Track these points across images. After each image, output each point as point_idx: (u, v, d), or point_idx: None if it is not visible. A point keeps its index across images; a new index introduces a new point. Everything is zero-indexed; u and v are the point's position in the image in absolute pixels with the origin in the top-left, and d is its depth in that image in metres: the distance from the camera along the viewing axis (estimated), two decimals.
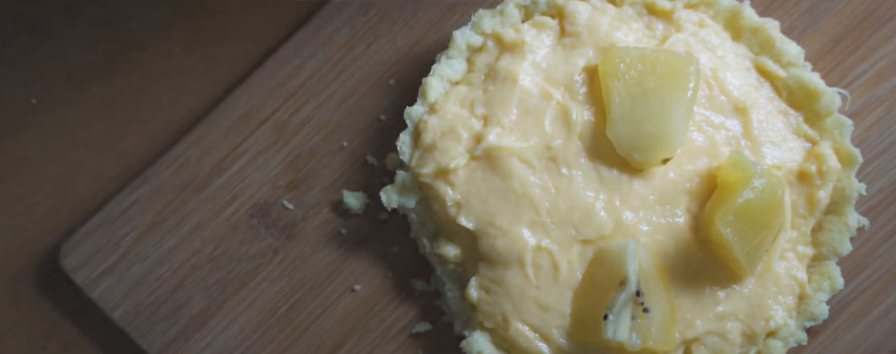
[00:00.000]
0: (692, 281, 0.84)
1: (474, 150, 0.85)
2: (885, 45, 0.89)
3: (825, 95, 0.86)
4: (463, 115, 0.85)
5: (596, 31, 0.85)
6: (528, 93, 0.85)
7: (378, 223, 0.90)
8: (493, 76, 0.86)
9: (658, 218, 0.84)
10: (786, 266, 0.85)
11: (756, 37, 0.87)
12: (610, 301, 0.81)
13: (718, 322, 0.84)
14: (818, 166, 0.85)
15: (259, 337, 0.89)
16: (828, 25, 0.89)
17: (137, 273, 0.89)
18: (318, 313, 0.89)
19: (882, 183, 0.88)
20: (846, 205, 0.86)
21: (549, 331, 0.84)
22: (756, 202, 0.81)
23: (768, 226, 0.82)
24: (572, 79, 0.85)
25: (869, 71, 0.89)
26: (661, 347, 0.81)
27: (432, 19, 0.90)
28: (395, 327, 0.89)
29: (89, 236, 0.89)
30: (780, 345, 0.85)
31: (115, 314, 0.89)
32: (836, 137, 0.86)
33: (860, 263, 0.88)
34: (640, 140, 0.82)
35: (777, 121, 0.86)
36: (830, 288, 0.85)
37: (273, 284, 0.89)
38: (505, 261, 0.84)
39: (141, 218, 0.89)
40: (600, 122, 0.84)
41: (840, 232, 0.86)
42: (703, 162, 0.84)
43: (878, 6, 0.89)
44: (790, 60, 0.86)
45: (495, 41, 0.87)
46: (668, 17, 0.87)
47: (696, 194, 0.84)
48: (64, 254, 0.89)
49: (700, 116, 0.85)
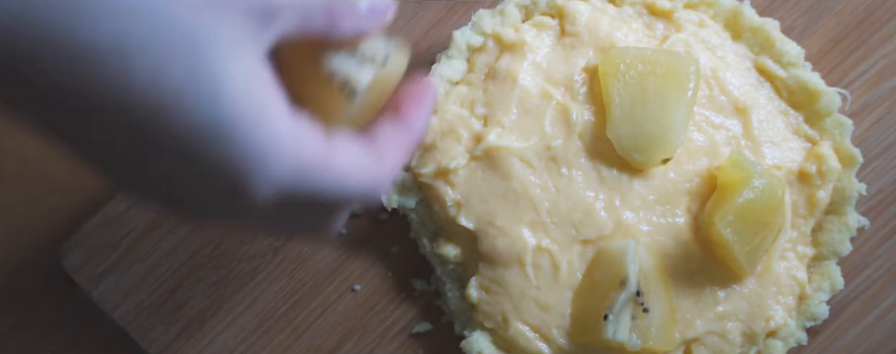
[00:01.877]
0: (692, 281, 0.84)
1: (474, 150, 0.85)
2: (885, 45, 0.89)
3: (825, 95, 0.86)
4: (463, 115, 0.85)
5: (596, 31, 0.85)
6: (528, 92, 0.85)
7: (378, 223, 0.90)
8: (493, 76, 0.86)
9: (658, 219, 0.84)
10: (786, 266, 0.85)
11: (756, 37, 0.87)
12: (610, 301, 0.81)
13: (718, 322, 0.84)
14: (818, 166, 0.85)
15: (259, 337, 0.89)
16: (828, 25, 0.89)
17: (137, 273, 0.89)
18: (318, 313, 0.89)
19: (882, 183, 0.88)
20: (846, 205, 0.86)
21: (549, 331, 0.84)
22: (756, 202, 0.81)
23: (768, 226, 0.82)
24: (572, 79, 0.85)
25: (869, 71, 0.89)
26: (661, 347, 0.81)
27: (432, 19, 0.90)
28: (395, 327, 0.89)
29: (89, 236, 0.89)
30: (780, 345, 0.85)
31: (115, 314, 0.89)
32: (836, 137, 0.86)
33: (860, 263, 0.88)
34: (641, 140, 0.82)
35: (777, 121, 0.86)
36: (830, 288, 0.85)
37: (273, 284, 0.89)
38: (505, 261, 0.84)
39: (141, 218, 0.89)
40: (600, 122, 0.84)
41: (840, 232, 0.86)
42: (703, 162, 0.84)
43: (878, 6, 0.89)
44: (790, 60, 0.86)
45: (495, 41, 0.87)
46: (668, 17, 0.87)
47: (696, 194, 0.84)
48: (64, 254, 0.89)
49: (700, 116, 0.85)
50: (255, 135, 0.58)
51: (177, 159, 0.57)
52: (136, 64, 0.55)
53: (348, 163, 0.62)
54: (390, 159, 0.65)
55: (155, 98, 0.55)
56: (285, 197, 0.60)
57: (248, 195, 0.59)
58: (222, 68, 0.56)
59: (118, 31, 0.55)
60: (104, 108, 0.56)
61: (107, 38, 0.54)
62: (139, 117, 0.56)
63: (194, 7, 0.56)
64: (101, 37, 0.54)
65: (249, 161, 0.58)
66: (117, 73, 0.55)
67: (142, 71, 0.55)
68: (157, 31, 0.55)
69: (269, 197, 0.60)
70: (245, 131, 0.57)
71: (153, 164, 0.58)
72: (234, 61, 0.57)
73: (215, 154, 0.57)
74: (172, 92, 0.55)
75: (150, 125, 0.56)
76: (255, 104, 0.58)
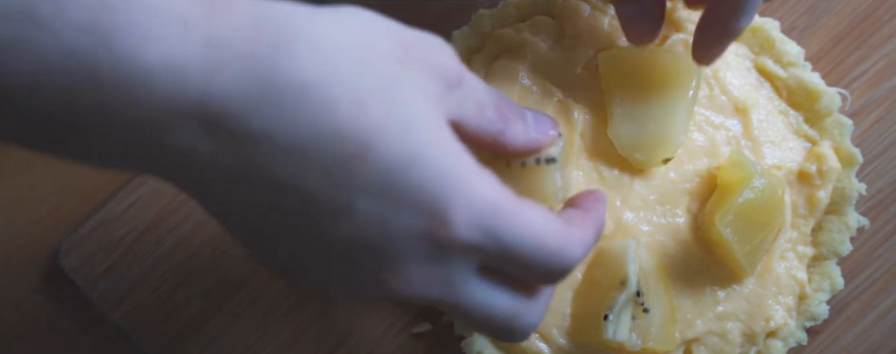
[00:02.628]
0: (692, 281, 0.84)
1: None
2: (885, 45, 0.89)
3: (825, 95, 0.86)
4: None
5: (596, 31, 0.85)
6: (528, 91, 0.85)
7: None
8: (493, 75, 0.86)
9: (658, 219, 0.84)
10: (786, 266, 0.85)
11: (756, 37, 0.87)
12: (610, 301, 0.81)
13: (718, 322, 0.84)
14: (818, 166, 0.85)
15: (259, 337, 0.89)
16: (828, 25, 0.89)
17: (137, 273, 0.89)
18: (318, 313, 0.89)
19: (882, 183, 0.88)
20: (846, 205, 0.86)
21: (549, 331, 0.84)
22: (756, 202, 0.81)
23: (768, 226, 0.82)
24: (572, 79, 0.85)
25: (869, 71, 0.89)
26: (661, 347, 0.81)
27: (432, 19, 0.90)
28: (396, 327, 0.89)
29: (89, 236, 0.89)
30: (780, 345, 0.85)
31: (115, 314, 0.89)
32: (836, 137, 0.86)
33: (860, 263, 0.88)
34: (641, 140, 0.82)
35: (777, 121, 0.86)
36: (830, 288, 0.85)
37: (273, 284, 0.89)
38: None
39: (141, 218, 0.89)
40: (601, 122, 0.84)
41: (840, 232, 0.86)
42: (704, 162, 0.84)
43: (878, 6, 0.89)
44: (790, 60, 0.86)
45: (495, 41, 0.87)
46: (669, 17, 0.87)
47: (697, 194, 0.84)
48: (64, 254, 0.89)
49: (700, 116, 0.85)
50: (452, 164, 0.59)
51: (378, 194, 0.58)
52: (342, 98, 0.57)
53: (541, 218, 0.62)
54: (578, 231, 0.64)
55: (358, 132, 0.57)
56: (480, 240, 0.60)
57: (449, 223, 0.59)
58: (414, 106, 0.59)
59: (323, 70, 0.57)
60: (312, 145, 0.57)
61: (315, 77, 0.57)
62: (345, 153, 0.57)
63: (385, 54, 0.59)
64: (309, 75, 0.57)
65: (448, 186, 0.59)
66: (325, 108, 0.57)
67: (348, 105, 0.57)
68: (356, 70, 0.58)
69: (468, 232, 0.59)
70: (442, 160, 0.59)
71: (356, 204, 0.59)
72: (422, 105, 0.59)
73: (416, 182, 0.58)
74: (374, 125, 0.57)
75: (357, 159, 0.57)
76: (447, 141, 0.59)
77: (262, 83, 0.56)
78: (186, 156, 0.58)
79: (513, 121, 0.66)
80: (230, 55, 0.56)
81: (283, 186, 0.58)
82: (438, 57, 0.61)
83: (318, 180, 0.58)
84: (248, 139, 0.57)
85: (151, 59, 0.55)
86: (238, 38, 0.56)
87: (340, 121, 0.57)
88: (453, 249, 0.60)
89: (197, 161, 0.58)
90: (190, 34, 0.56)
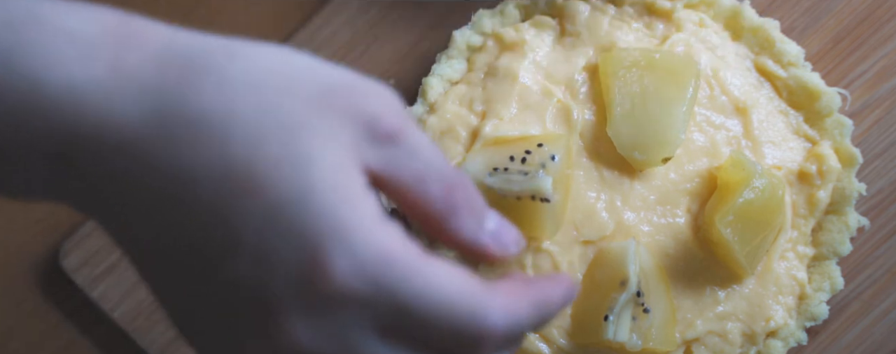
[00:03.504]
0: (692, 282, 0.84)
1: (472, 147, 0.84)
2: (885, 44, 0.89)
3: (825, 95, 0.86)
4: (462, 114, 0.85)
5: (596, 31, 0.85)
6: (528, 90, 0.85)
7: None
8: (493, 74, 0.86)
9: (659, 219, 0.84)
10: (786, 266, 0.85)
11: (756, 37, 0.87)
12: (610, 301, 0.81)
13: (719, 322, 0.84)
14: (818, 166, 0.85)
15: None
16: (828, 25, 0.89)
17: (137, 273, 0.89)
18: None
19: (882, 183, 0.88)
20: (846, 205, 0.86)
21: (549, 332, 0.84)
22: (756, 202, 0.81)
23: (768, 226, 0.82)
24: (572, 79, 0.85)
25: (869, 71, 0.89)
26: (661, 347, 0.81)
27: (432, 19, 0.90)
28: None
29: (89, 236, 0.89)
30: (780, 345, 0.85)
31: (115, 314, 0.89)
32: (836, 137, 0.86)
33: (860, 263, 0.88)
34: (641, 139, 0.82)
35: (777, 121, 0.86)
36: (830, 288, 0.85)
37: None
38: (505, 263, 0.84)
39: None
40: (601, 122, 0.84)
41: (840, 232, 0.86)
42: (704, 162, 0.84)
43: (878, 6, 0.89)
44: (790, 60, 0.86)
45: (495, 41, 0.87)
46: (668, 17, 0.87)
47: (697, 194, 0.84)
48: (64, 254, 0.89)
49: (701, 116, 0.85)
50: (347, 209, 0.55)
51: (262, 231, 0.55)
52: (238, 133, 0.55)
53: (448, 275, 0.56)
54: (504, 298, 0.57)
55: (250, 167, 0.55)
56: (367, 293, 0.55)
57: (326, 267, 0.54)
58: (318, 147, 0.56)
59: (225, 104, 0.56)
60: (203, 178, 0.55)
61: (216, 110, 0.56)
62: (233, 187, 0.55)
63: (301, 96, 0.57)
64: (209, 108, 0.56)
65: (332, 228, 0.55)
66: (218, 142, 0.55)
67: (243, 140, 0.55)
68: (262, 108, 0.56)
69: (349, 281, 0.55)
70: (335, 202, 0.55)
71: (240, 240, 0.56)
72: (329, 148, 0.56)
73: (299, 221, 0.55)
74: (270, 162, 0.55)
75: (245, 194, 0.55)
76: (347, 187, 0.56)
77: (159, 112, 0.55)
78: (93, 185, 0.56)
79: (461, 213, 0.59)
80: (132, 83, 0.55)
81: (177, 218, 0.56)
82: (370, 107, 0.57)
83: (208, 213, 0.56)
84: (143, 167, 0.55)
85: (53, 80, 0.54)
86: (145, 67, 0.55)
87: (233, 155, 0.55)
88: (333, 300, 0.55)
89: (101, 190, 0.56)
90: (96, 58, 0.54)
